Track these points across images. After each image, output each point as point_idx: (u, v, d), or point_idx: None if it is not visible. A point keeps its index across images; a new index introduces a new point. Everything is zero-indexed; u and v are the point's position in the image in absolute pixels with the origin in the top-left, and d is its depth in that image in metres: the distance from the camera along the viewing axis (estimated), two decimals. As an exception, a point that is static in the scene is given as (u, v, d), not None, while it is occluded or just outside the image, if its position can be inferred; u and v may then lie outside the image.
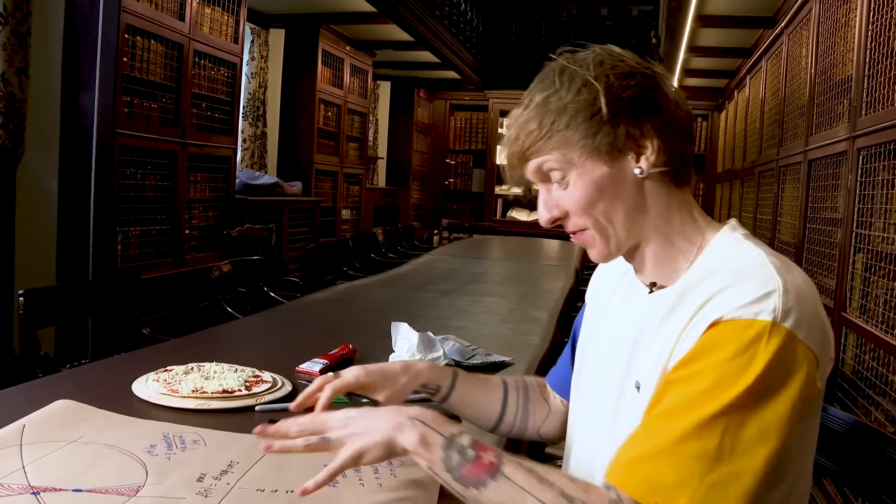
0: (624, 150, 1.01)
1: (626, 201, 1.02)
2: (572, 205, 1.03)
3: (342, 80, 7.15)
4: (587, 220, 1.03)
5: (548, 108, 1.02)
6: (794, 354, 0.87)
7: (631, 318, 1.08)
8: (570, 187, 1.03)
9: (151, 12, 4.00)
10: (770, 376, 0.85)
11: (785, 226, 4.54)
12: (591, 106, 0.99)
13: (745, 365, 0.85)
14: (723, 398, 0.85)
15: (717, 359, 0.87)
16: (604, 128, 0.99)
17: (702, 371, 0.88)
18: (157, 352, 1.89)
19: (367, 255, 5.39)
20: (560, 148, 1.01)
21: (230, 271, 3.11)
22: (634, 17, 10.13)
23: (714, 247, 1.03)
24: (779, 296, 0.88)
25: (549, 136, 1.01)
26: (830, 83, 3.57)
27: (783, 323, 0.87)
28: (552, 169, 1.03)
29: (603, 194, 1.02)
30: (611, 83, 0.99)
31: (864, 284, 2.92)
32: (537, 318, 2.63)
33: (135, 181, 4.00)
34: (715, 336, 0.89)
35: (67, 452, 1.12)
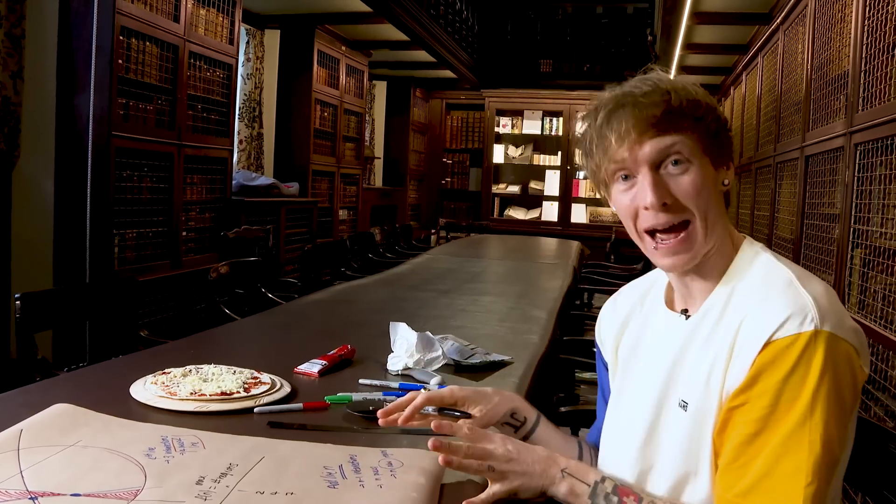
0: (725, 163, 1.09)
1: (717, 205, 1.08)
2: (690, 192, 1.04)
3: (338, 81, 7.14)
4: (696, 210, 1.05)
5: (688, 93, 1.05)
6: (840, 351, 0.94)
7: (669, 342, 1.12)
8: (689, 174, 1.04)
9: (146, 14, 3.99)
10: (829, 377, 0.92)
11: (782, 222, 4.54)
12: (714, 112, 1.07)
13: (804, 374, 0.92)
14: (796, 410, 0.92)
15: (777, 377, 0.94)
16: (719, 135, 1.07)
17: (764, 392, 0.94)
18: (155, 354, 1.89)
19: (365, 256, 5.38)
20: (691, 133, 1.04)
21: (227, 273, 3.10)
22: (630, 14, 10.12)
23: (739, 262, 1.09)
24: (812, 305, 0.95)
25: (686, 118, 1.03)
26: (827, 79, 3.57)
27: (823, 327, 0.93)
28: (679, 151, 1.04)
29: (711, 191, 1.06)
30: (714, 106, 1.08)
31: (863, 280, 2.91)
32: (536, 317, 2.63)
33: (131, 183, 3.99)
34: (767, 357, 0.95)
35: (65, 457, 1.11)
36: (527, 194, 10.22)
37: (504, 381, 1.77)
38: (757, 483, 0.92)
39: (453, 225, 9.27)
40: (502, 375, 1.82)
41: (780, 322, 0.95)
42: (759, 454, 0.93)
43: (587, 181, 9.83)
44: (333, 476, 1.10)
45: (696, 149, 1.04)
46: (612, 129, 1.05)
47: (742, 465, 0.95)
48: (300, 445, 1.22)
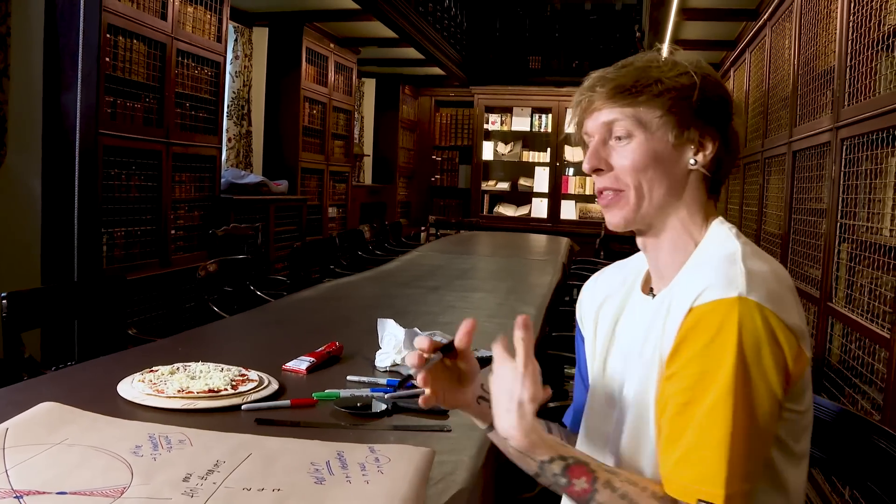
0: (689, 140, 1.09)
1: (670, 182, 1.09)
2: (626, 164, 1.08)
3: (327, 78, 7.12)
4: (631, 181, 1.08)
5: (648, 73, 1.08)
6: (765, 321, 0.92)
7: (638, 324, 1.14)
8: (630, 147, 1.08)
9: (133, 12, 3.97)
10: (752, 345, 0.91)
11: (771, 217, 4.56)
12: (686, 91, 1.07)
13: (725, 341, 0.91)
14: (720, 379, 0.91)
15: (699, 345, 0.93)
16: (686, 112, 1.07)
17: (689, 360, 0.94)
18: (143, 352, 1.88)
19: (354, 253, 5.37)
20: (640, 108, 1.07)
21: (216, 271, 3.10)
22: (618, 11, 10.13)
23: (705, 244, 1.09)
24: (742, 275, 0.95)
25: (638, 94, 1.07)
26: (813, 74, 3.59)
27: (749, 296, 0.92)
28: (620, 124, 1.08)
29: (656, 166, 1.08)
30: (706, 83, 1.09)
31: (850, 274, 2.93)
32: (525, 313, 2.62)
33: (119, 182, 3.98)
34: (689, 323, 0.95)
35: (51, 455, 1.11)
36: (516, 191, 10.23)
37: (492, 377, 1.77)
38: (685, 454, 0.92)
39: (443, 222, 9.27)
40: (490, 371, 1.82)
41: (703, 288, 0.95)
42: (689, 425, 0.93)
43: (577, 178, 9.86)
44: (320, 472, 1.10)
45: (643, 124, 1.07)
46: (577, 101, 1.13)
47: (675, 438, 0.94)
48: (287, 442, 1.22)
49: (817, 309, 3.25)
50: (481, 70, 10.30)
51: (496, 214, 10.22)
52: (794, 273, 3.76)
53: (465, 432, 1.35)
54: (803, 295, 3.51)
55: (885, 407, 2.36)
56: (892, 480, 1.17)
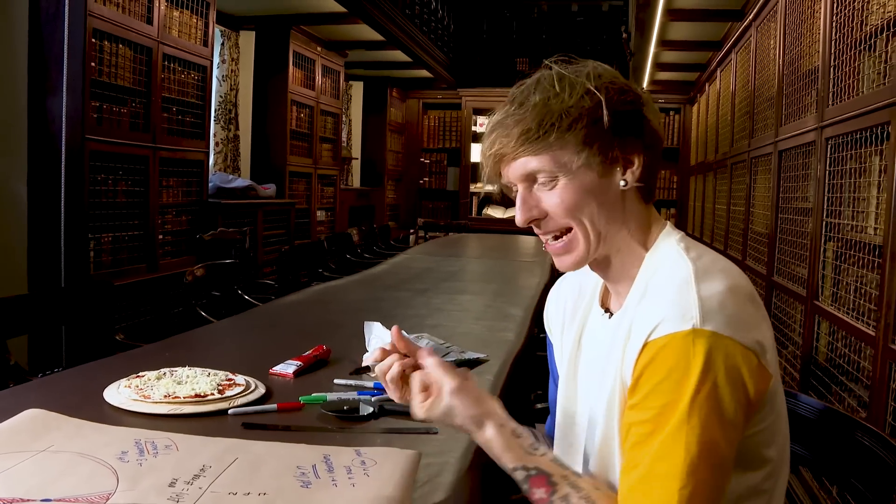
0: (615, 161, 1.04)
1: (609, 210, 1.05)
2: (558, 207, 1.04)
3: (314, 81, 7.12)
4: (572, 221, 1.05)
5: (548, 108, 1.02)
6: (723, 351, 0.90)
7: (598, 344, 1.12)
8: (557, 190, 1.04)
9: (119, 16, 3.96)
10: (709, 377, 0.89)
11: (758, 216, 4.58)
12: (594, 113, 1.02)
13: (682, 377, 0.89)
14: (675, 412, 0.89)
15: (655, 379, 0.92)
16: (602, 136, 1.02)
17: (649, 393, 0.92)
18: (130, 358, 1.88)
19: (343, 256, 5.37)
20: (555, 150, 1.02)
21: (203, 275, 3.09)
22: (605, 12, 10.18)
23: (654, 256, 1.07)
24: (695, 304, 0.92)
25: (548, 136, 1.01)
26: (798, 74, 3.61)
27: (704, 326, 0.90)
28: (541, 171, 1.04)
29: (590, 200, 1.04)
30: (611, 95, 1.03)
31: (836, 273, 2.95)
32: (512, 315, 2.64)
33: (106, 187, 3.96)
34: (646, 358, 0.93)
35: (36, 462, 1.11)
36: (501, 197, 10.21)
37: (479, 379, 1.77)
38: (639, 482, 0.91)
39: (432, 224, 9.27)
40: (478, 373, 1.83)
41: (657, 322, 0.93)
42: (646, 454, 0.91)
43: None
44: (307, 476, 1.10)
45: (562, 163, 1.02)
46: (486, 155, 1.08)
47: (631, 467, 0.93)
48: (274, 446, 1.22)
49: (804, 307, 3.27)
50: (469, 72, 10.32)
51: (485, 216, 10.23)
52: (781, 272, 3.78)
53: (452, 434, 1.35)
54: (790, 294, 3.53)
55: (871, 404, 2.38)
56: (876, 477, 1.17)
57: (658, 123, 1.08)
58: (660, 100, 9.40)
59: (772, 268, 3.96)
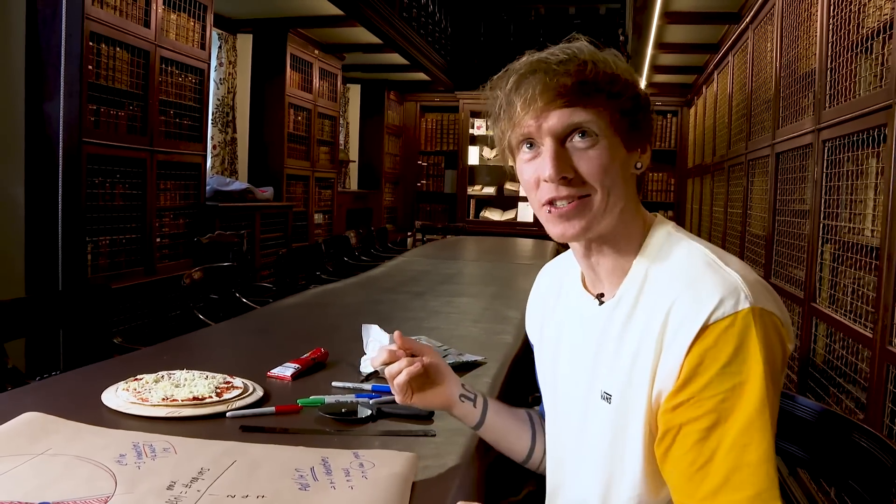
0: (637, 142, 1.04)
1: (624, 186, 1.03)
2: (595, 168, 0.99)
3: (311, 84, 7.12)
4: (598, 186, 1.00)
5: (615, 66, 1.00)
6: (771, 326, 0.92)
7: (587, 330, 1.09)
8: (596, 151, 0.99)
9: (116, 19, 3.96)
10: (768, 354, 0.90)
11: (755, 219, 4.58)
12: (634, 91, 1.02)
13: (748, 356, 0.89)
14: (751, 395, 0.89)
15: (720, 362, 0.90)
16: (636, 115, 1.02)
17: (710, 380, 0.91)
18: (128, 361, 1.87)
19: (340, 259, 5.37)
20: (604, 110, 0.99)
21: (201, 278, 3.09)
22: (602, 15, 10.20)
23: (651, 244, 1.06)
24: (742, 283, 0.93)
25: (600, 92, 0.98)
26: (795, 76, 3.62)
27: (756, 304, 0.91)
28: (587, 125, 0.99)
29: (619, 170, 1.01)
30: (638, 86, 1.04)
31: (833, 275, 2.95)
32: (510, 318, 2.64)
33: (103, 190, 3.96)
34: (706, 343, 0.91)
35: (34, 465, 1.11)
36: (502, 196, 10.24)
37: (477, 382, 1.77)
38: (725, 481, 0.88)
39: (429, 227, 9.27)
40: (475, 375, 1.83)
41: (715, 304, 0.91)
42: (720, 449, 0.89)
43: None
44: (305, 478, 1.10)
45: (606, 125, 0.99)
46: (519, 95, 1.00)
47: (702, 467, 0.90)
48: (272, 449, 1.22)
49: (801, 309, 3.27)
50: (466, 75, 10.32)
51: (482, 219, 10.24)
52: (779, 274, 3.79)
53: (450, 437, 1.35)
54: (788, 296, 3.53)
55: (868, 406, 2.38)
56: (873, 478, 1.18)
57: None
58: (657, 102, 9.41)
59: (769, 270, 3.97)
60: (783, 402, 1.34)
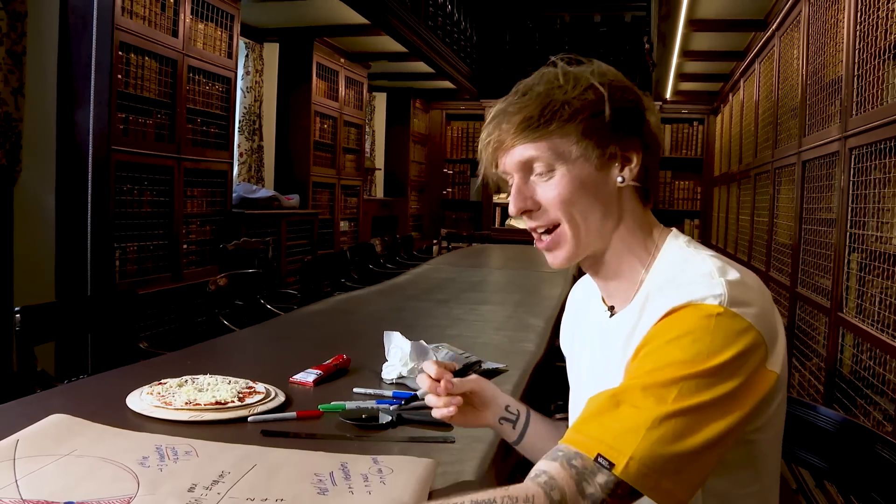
0: (614, 157, 1.04)
1: (603, 205, 1.05)
2: (553, 199, 1.04)
3: (337, 93, 7.17)
4: (563, 216, 1.04)
5: (552, 98, 1.02)
6: (744, 336, 0.89)
7: (602, 342, 1.11)
8: (553, 181, 1.04)
9: (145, 29, 4.02)
10: (722, 353, 0.88)
11: (781, 227, 4.55)
12: (596, 107, 1.02)
13: (697, 340, 0.88)
14: (676, 369, 0.87)
15: (669, 337, 0.91)
16: (602, 131, 1.02)
17: (654, 350, 0.92)
18: (152, 365, 1.90)
19: (365, 267, 5.39)
20: (555, 139, 1.02)
21: (226, 285, 3.12)
22: (627, 23, 10.16)
23: (662, 258, 1.06)
24: (722, 285, 0.92)
25: (549, 124, 1.02)
26: (822, 84, 3.59)
27: (731, 307, 0.90)
28: (539, 159, 1.03)
29: (585, 194, 1.03)
30: (613, 92, 1.03)
31: (860, 284, 2.92)
32: (533, 325, 2.64)
33: (131, 197, 4.02)
34: (667, 322, 0.93)
35: (60, 466, 1.13)
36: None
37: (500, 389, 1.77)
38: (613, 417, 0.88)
39: (455, 235, 9.28)
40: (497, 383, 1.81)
41: (688, 294, 0.92)
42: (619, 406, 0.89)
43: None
44: (324, 483, 1.11)
45: (562, 153, 1.02)
46: (483, 143, 1.08)
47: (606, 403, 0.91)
48: (292, 453, 1.23)
49: (828, 319, 3.24)
50: (492, 83, 10.33)
51: (508, 227, 10.22)
52: (805, 283, 3.75)
53: (469, 444, 1.36)
54: (814, 305, 3.49)
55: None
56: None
57: (657, 127, 1.08)
58: (683, 110, 9.37)
59: (795, 279, 3.93)
60: (804, 412, 1.34)
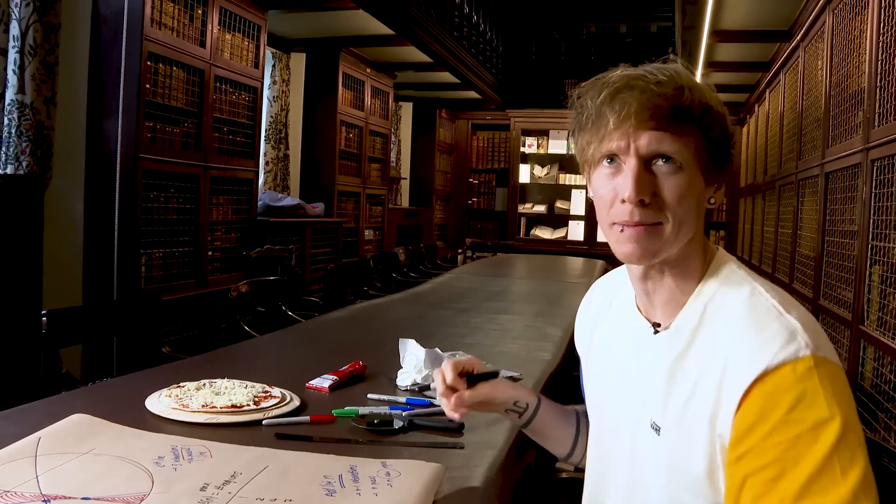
0: (717, 181, 1.03)
1: (697, 219, 1.02)
2: (673, 195, 0.98)
3: (363, 102, 7.23)
4: (671, 215, 0.98)
5: (710, 96, 0.99)
6: (838, 374, 0.88)
7: (641, 357, 1.09)
8: (679, 178, 0.98)
9: (173, 40, 4.10)
10: (835, 402, 0.85)
11: (805, 239, 4.52)
12: (723, 123, 1.00)
13: (811, 404, 0.85)
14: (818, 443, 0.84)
15: (778, 415, 0.86)
16: (718, 149, 1.01)
17: (772, 430, 0.87)
18: (173, 369, 1.94)
19: (388, 275, 5.43)
20: (692, 140, 0.98)
21: (248, 292, 3.17)
22: (653, 33, 10.15)
23: (712, 279, 1.04)
24: (801, 332, 0.90)
25: (697, 121, 0.97)
26: (845, 95, 3.57)
27: (818, 353, 0.88)
28: (673, 155, 0.97)
29: (692, 203, 1.00)
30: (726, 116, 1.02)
31: (882, 297, 2.90)
32: (551, 335, 2.65)
33: (158, 204, 4.09)
34: (765, 390, 0.88)
35: (79, 463, 1.17)
36: (553, 214, 10.23)
37: (511, 396, 1.79)
38: None
39: (479, 245, 9.30)
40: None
41: (775, 350, 0.88)
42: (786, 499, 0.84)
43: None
44: (332, 485, 1.14)
45: (691, 156, 0.97)
46: (613, 109, 0.97)
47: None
48: (303, 456, 1.26)
49: (849, 332, 3.22)
50: (517, 93, 10.37)
51: (533, 237, 10.23)
52: (828, 295, 3.73)
53: (479, 450, 1.38)
54: (835, 318, 3.47)
55: (914, 431, 2.34)
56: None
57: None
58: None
59: (818, 291, 3.91)
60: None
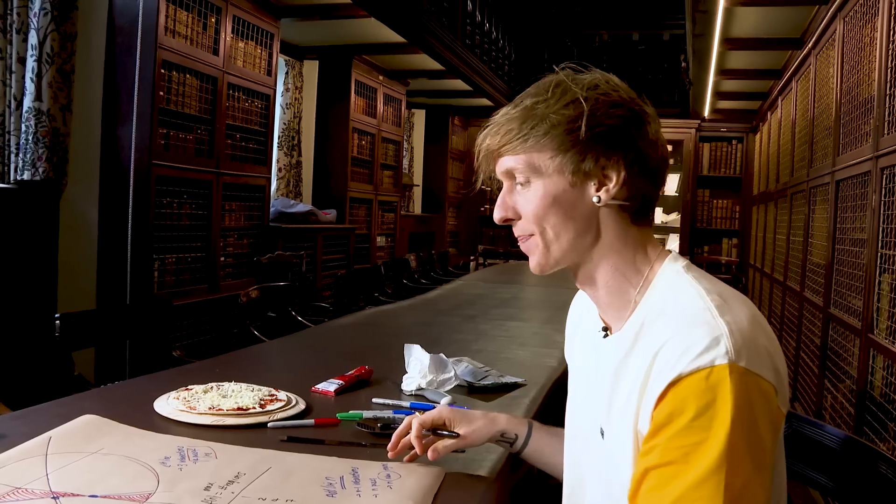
0: (589, 175, 1.04)
1: (578, 223, 1.05)
2: (527, 210, 1.07)
3: (376, 110, 7.27)
4: (535, 228, 1.07)
5: (534, 112, 1.04)
6: (755, 388, 0.88)
7: (595, 361, 1.12)
8: (530, 193, 1.06)
9: (187, 48, 4.15)
10: (745, 416, 0.86)
11: (816, 247, 4.51)
12: (573, 122, 1.02)
13: (715, 414, 0.86)
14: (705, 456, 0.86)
15: (686, 418, 0.88)
16: (577, 147, 1.02)
17: (675, 434, 0.89)
18: (182, 372, 1.97)
19: (399, 282, 5.45)
20: (531, 153, 1.04)
21: (258, 297, 3.20)
22: (666, 41, 10.15)
23: (658, 281, 1.05)
24: (727, 337, 0.90)
25: (526, 139, 1.04)
26: (856, 102, 3.57)
27: (739, 362, 0.88)
28: (517, 170, 1.06)
29: (557, 209, 1.05)
30: (597, 107, 1.02)
31: (891, 305, 2.90)
32: (558, 342, 2.65)
33: (171, 210, 4.13)
34: (678, 394, 0.90)
35: (88, 462, 1.20)
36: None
37: (515, 403, 1.81)
38: None
39: (491, 252, 9.31)
40: (514, 397, 1.87)
41: (694, 355, 0.89)
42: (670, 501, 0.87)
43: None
44: (333, 486, 1.16)
45: (540, 166, 1.04)
46: (478, 148, 1.11)
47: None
48: (306, 458, 1.28)
49: (859, 341, 3.21)
50: (530, 101, 10.36)
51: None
52: (838, 304, 3.72)
53: (479, 453, 1.39)
54: (845, 326, 3.46)
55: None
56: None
57: (659, 144, 1.06)
58: (722, 128, 9.32)
59: (828, 300, 3.90)
60: (810, 431, 1.35)
